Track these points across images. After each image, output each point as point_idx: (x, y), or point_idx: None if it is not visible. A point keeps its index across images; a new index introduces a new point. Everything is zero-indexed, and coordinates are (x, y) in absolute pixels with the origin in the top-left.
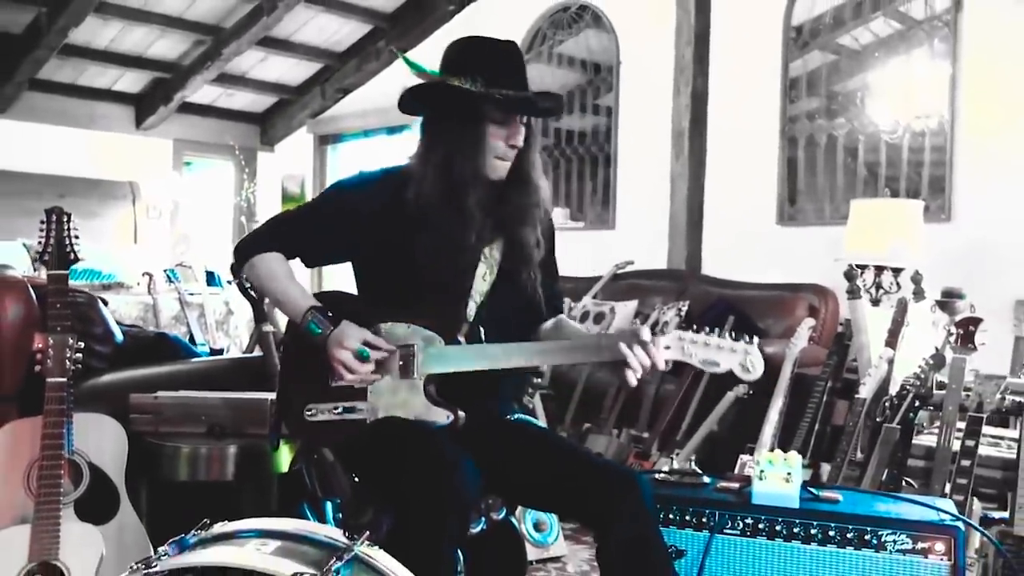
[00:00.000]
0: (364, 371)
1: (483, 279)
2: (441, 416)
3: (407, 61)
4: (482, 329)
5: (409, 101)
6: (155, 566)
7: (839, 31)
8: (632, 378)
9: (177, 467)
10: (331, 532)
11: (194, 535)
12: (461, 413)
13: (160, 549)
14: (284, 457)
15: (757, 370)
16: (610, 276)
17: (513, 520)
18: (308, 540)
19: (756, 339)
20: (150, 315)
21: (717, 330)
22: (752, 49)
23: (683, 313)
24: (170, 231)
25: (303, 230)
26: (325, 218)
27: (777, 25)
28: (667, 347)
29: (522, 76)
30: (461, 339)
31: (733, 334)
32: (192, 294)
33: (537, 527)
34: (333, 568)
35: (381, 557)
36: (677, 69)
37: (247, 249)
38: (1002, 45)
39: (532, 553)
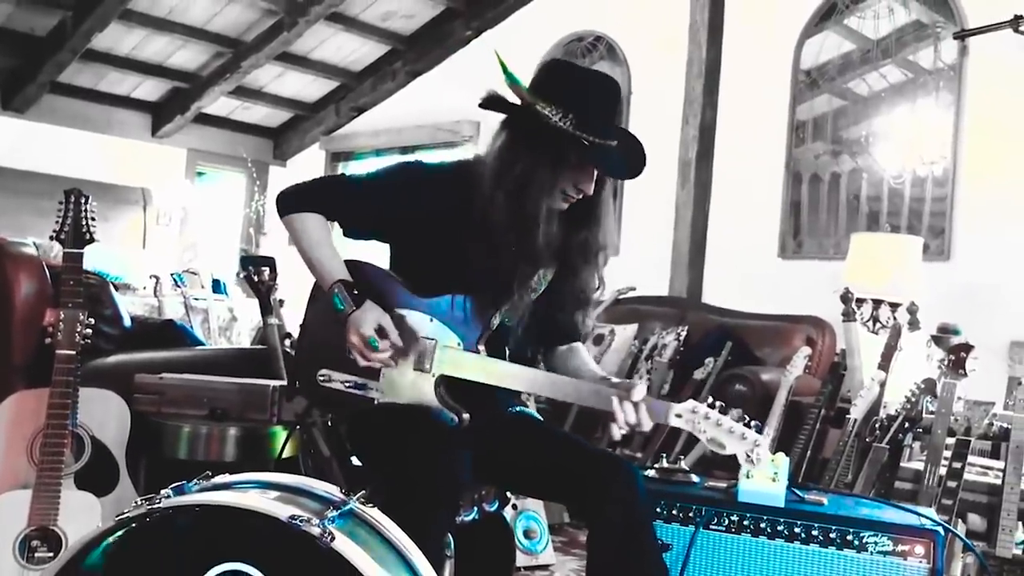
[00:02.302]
0: (374, 359)
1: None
2: (447, 417)
3: (503, 67)
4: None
5: (492, 104)
6: (158, 502)
7: (847, 76)
8: (616, 432)
9: (177, 446)
10: (328, 488)
11: (196, 483)
12: (466, 416)
13: (163, 491)
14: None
15: (760, 465)
16: (611, 300)
17: (504, 514)
18: (306, 493)
19: (769, 433)
20: (154, 316)
21: (732, 412)
22: (761, 84)
23: (682, 337)
24: (179, 238)
25: (355, 200)
26: (383, 195)
27: (787, 63)
28: (678, 415)
29: (611, 119)
30: (481, 348)
31: (746, 418)
32: (197, 299)
33: (527, 534)
34: (329, 516)
35: (375, 514)
36: (686, 101)
37: (294, 202)
38: (1006, 89)
39: (521, 560)
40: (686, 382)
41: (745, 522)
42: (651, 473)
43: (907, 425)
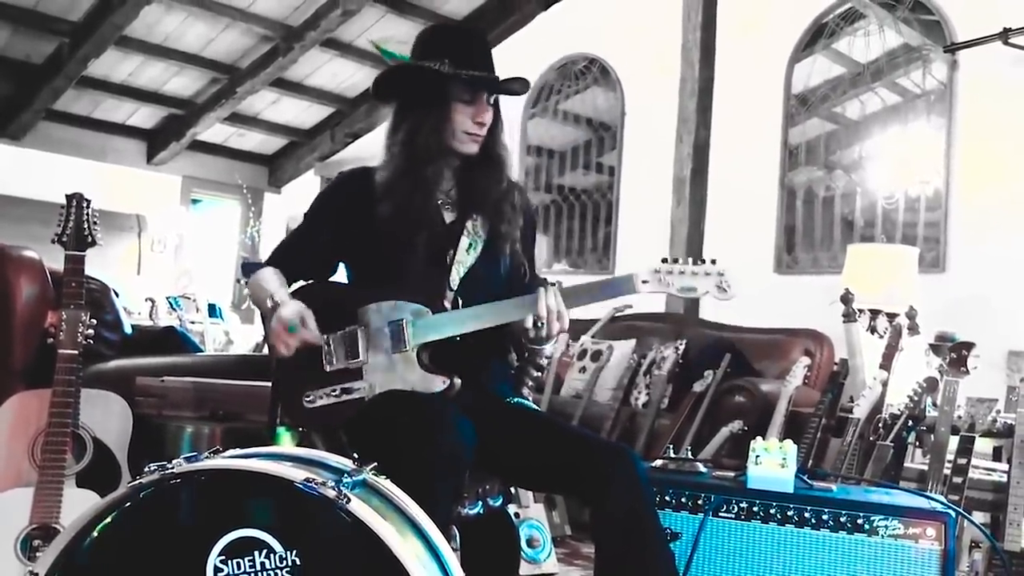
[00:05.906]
0: (292, 343)
1: (467, 251)
2: (437, 383)
3: (381, 49)
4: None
5: (382, 87)
6: (171, 468)
7: (838, 98)
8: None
9: (179, 447)
10: (341, 460)
11: (207, 456)
12: (457, 380)
13: (175, 460)
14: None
15: (733, 289)
16: (608, 318)
17: (509, 510)
18: (320, 464)
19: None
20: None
21: (691, 260)
22: (754, 104)
23: (680, 351)
24: (173, 265)
25: (296, 246)
26: (310, 227)
27: (779, 83)
28: (644, 281)
29: (488, 59)
30: (447, 306)
31: (703, 260)
32: (193, 322)
33: (530, 543)
34: (344, 482)
35: (387, 484)
36: (680, 119)
37: (255, 267)
38: (997, 103)
39: (524, 568)
40: (685, 395)
41: (754, 509)
42: (658, 464)
43: (910, 423)
